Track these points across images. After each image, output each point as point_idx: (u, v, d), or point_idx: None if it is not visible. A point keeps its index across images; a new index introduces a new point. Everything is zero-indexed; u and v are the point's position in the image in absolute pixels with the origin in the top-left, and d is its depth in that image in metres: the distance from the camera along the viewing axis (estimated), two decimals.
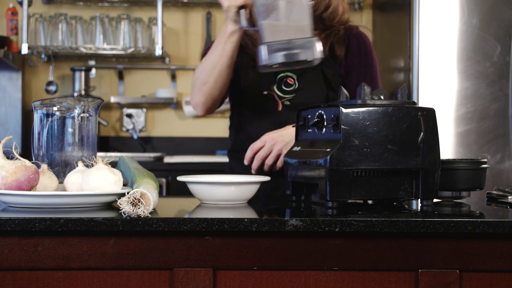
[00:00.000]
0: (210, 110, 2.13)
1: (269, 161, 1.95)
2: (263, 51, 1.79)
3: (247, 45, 2.13)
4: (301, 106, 1.73)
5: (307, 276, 1.38)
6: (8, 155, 1.50)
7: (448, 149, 2.97)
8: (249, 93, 2.10)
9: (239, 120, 2.19)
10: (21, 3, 3.93)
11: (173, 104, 4.24)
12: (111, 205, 1.51)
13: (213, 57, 2.02)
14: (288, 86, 2.08)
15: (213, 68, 2.03)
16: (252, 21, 1.91)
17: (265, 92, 2.08)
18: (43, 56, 4.11)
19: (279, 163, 1.95)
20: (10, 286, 1.36)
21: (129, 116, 4.21)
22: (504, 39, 3.00)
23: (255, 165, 1.97)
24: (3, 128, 4.05)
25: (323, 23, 2.12)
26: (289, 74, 2.09)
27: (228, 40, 1.97)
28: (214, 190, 1.57)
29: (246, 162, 1.99)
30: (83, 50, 4.02)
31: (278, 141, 1.95)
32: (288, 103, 2.07)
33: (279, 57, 1.80)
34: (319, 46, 1.82)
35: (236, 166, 2.15)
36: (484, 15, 3.00)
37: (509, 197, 1.69)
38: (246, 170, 2.01)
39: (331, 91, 2.09)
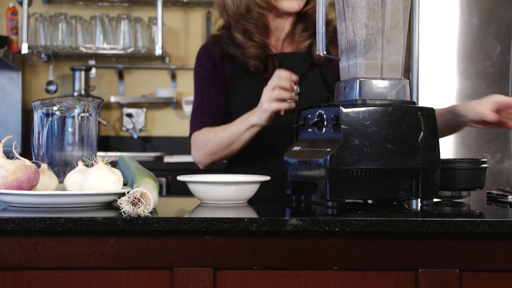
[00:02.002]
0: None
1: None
2: None
3: (236, 55, 2.08)
4: (296, 110, 1.73)
5: (307, 276, 1.38)
6: (8, 155, 1.50)
7: (448, 148, 2.97)
8: (248, 100, 2.05)
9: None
10: (21, 3, 3.93)
11: (173, 103, 4.25)
12: (111, 205, 1.51)
13: (229, 136, 2.01)
14: None
15: (226, 146, 2.02)
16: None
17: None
18: (43, 55, 4.11)
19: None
20: (10, 286, 1.36)
21: (129, 115, 4.21)
22: (504, 38, 3.00)
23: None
24: (3, 127, 4.05)
25: (314, 25, 2.12)
26: None
27: (248, 130, 1.95)
28: (214, 189, 1.57)
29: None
30: (83, 50, 4.02)
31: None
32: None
33: None
34: None
35: (234, 166, 2.14)
36: (484, 15, 3.00)
37: (509, 197, 1.69)
38: (245, 169, 2.00)
39: (331, 94, 2.09)
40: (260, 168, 2.01)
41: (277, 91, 1.81)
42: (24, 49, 3.93)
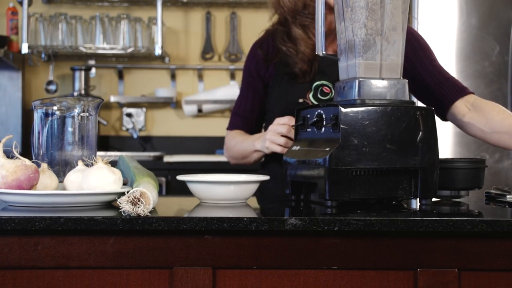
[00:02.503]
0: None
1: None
2: None
3: (290, 54, 2.07)
4: (296, 109, 1.73)
5: (306, 275, 1.38)
6: (8, 154, 1.50)
7: (447, 148, 2.97)
8: (284, 100, 2.07)
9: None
10: (21, 3, 3.93)
11: (173, 103, 4.24)
12: (111, 204, 1.51)
13: (243, 151, 2.15)
14: (324, 95, 2.05)
15: (242, 158, 2.17)
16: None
17: (301, 100, 2.05)
18: (43, 55, 4.11)
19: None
20: (10, 285, 1.36)
21: (129, 115, 4.21)
22: (502, 39, 3.00)
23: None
24: (3, 127, 4.05)
25: None
26: (325, 82, 2.06)
27: (256, 152, 2.09)
28: (214, 189, 1.57)
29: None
30: (83, 50, 4.02)
31: None
32: None
33: None
34: None
35: (269, 163, 2.17)
36: (482, 15, 3.00)
37: (508, 196, 1.69)
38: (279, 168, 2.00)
39: None
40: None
41: (280, 138, 1.91)
42: (24, 49, 3.92)
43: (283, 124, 1.91)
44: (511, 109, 2.98)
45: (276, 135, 1.91)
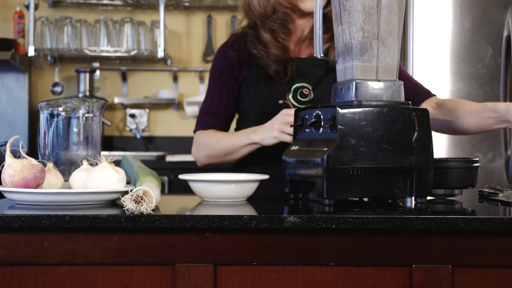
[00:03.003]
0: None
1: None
2: None
3: (261, 56, 2.08)
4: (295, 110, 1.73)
5: (304, 272, 1.38)
6: (16, 154, 1.50)
7: (441, 148, 2.97)
8: (262, 101, 2.06)
9: (248, 126, 2.10)
10: (27, 7, 3.93)
11: (175, 104, 4.25)
12: (114, 203, 1.51)
13: (230, 147, 2.05)
14: (303, 97, 2.05)
15: (225, 154, 2.08)
16: None
17: (280, 101, 2.05)
18: (49, 58, 4.12)
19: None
20: (17, 281, 1.36)
21: (132, 116, 4.21)
22: (495, 41, 3.00)
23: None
24: (11, 128, 4.05)
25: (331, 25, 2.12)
26: (304, 84, 2.06)
27: (249, 146, 2.01)
28: (215, 188, 1.57)
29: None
30: (88, 53, 4.02)
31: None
32: None
33: None
34: None
35: (245, 165, 2.14)
36: (476, 18, 3.00)
37: (500, 195, 1.70)
38: (255, 169, 1.99)
39: None
40: (267, 167, 2.01)
41: (289, 128, 1.86)
42: (31, 52, 3.93)
43: (290, 115, 1.86)
44: None
45: (286, 124, 1.88)
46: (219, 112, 2.15)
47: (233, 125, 2.25)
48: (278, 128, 1.89)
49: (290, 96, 2.06)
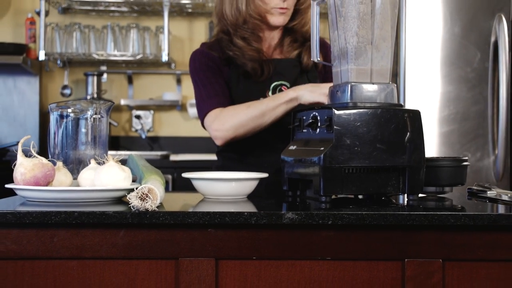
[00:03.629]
0: (241, 137, 2.03)
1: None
2: None
3: (237, 57, 2.09)
4: (292, 111, 1.73)
5: (302, 266, 1.38)
6: (27, 154, 1.49)
7: (432, 148, 2.97)
8: (244, 98, 2.04)
9: None
10: (38, 13, 3.93)
11: (179, 106, 4.24)
12: (121, 200, 1.51)
13: (264, 108, 1.95)
14: None
15: (258, 117, 1.96)
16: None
17: (261, 99, 2.05)
18: (58, 62, 4.11)
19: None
20: (29, 274, 1.36)
21: (138, 117, 4.21)
22: (483, 46, 3.00)
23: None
24: (22, 128, 4.05)
25: (301, 36, 2.13)
26: (283, 82, 2.08)
27: (286, 104, 1.92)
28: (216, 185, 1.57)
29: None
30: (96, 57, 4.02)
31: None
32: None
33: None
34: None
35: (228, 164, 2.14)
36: (465, 25, 3.00)
37: (488, 192, 1.69)
38: (237, 167, 1.99)
39: None
40: (252, 165, 2.01)
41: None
42: (42, 56, 3.92)
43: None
44: (491, 111, 2.99)
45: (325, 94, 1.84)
46: (225, 93, 2.08)
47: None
48: (322, 92, 1.85)
49: (270, 93, 2.07)
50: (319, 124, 1.55)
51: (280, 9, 2.07)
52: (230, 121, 1.99)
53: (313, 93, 1.87)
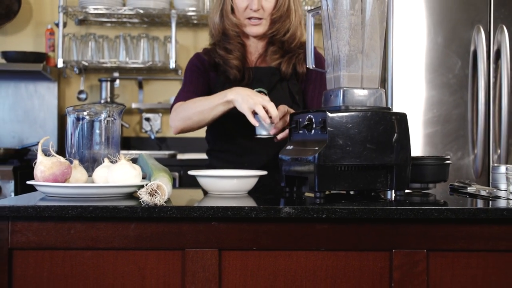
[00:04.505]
0: (183, 133, 2.08)
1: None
2: None
3: (219, 64, 2.10)
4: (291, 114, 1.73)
5: (298, 256, 1.38)
6: (46, 153, 1.49)
7: (417, 148, 2.97)
8: None
9: (218, 126, 2.10)
10: (57, 25, 3.93)
11: None
12: (132, 195, 1.51)
13: (203, 106, 1.94)
14: None
15: (199, 112, 1.95)
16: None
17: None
18: (75, 69, 4.11)
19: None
20: (48, 263, 1.36)
21: (147, 119, 4.20)
22: (464, 55, 3.00)
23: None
24: (42, 130, 4.04)
25: (284, 46, 2.10)
26: (262, 89, 2.07)
27: (223, 105, 1.89)
28: (219, 182, 1.57)
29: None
30: (109, 64, 4.02)
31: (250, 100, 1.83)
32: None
33: None
34: None
35: (217, 163, 2.13)
36: (447, 35, 3.00)
37: (468, 188, 1.69)
38: (224, 167, 2.00)
39: (295, 104, 2.09)
40: (234, 163, 2.02)
41: (266, 105, 1.78)
42: (60, 64, 3.92)
43: (271, 103, 1.79)
44: (471, 114, 2.98)
45: (259, 104, 1.78)
46: (197, 91, 2.09)
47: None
48: (257, 101, 1.78)
49: None
50: (314, 126, 1.55)
51: (252, 20, 2.06)
52: (180, 113, 2.01)
53: (244, 103, 1.80)
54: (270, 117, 1.79)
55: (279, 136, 1.87)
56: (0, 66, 3.83)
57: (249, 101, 1.79)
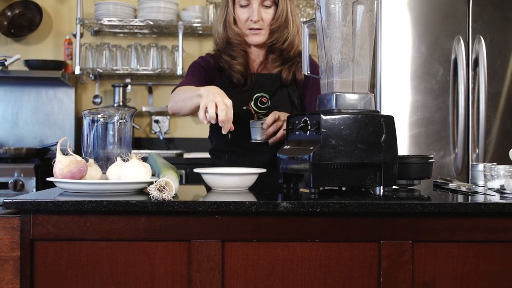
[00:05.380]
0: (178, 115, 2.03)
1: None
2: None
3: (225, 68, 2.09)
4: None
5: (294, 246, 1.37)
6: (64, 152, 1.49)
7: (403, 147, 2.96)
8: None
9: (220, 128, 2.08)
10: (75, 35, 3.92)
11: None
12: (142, 191, 1.50)
13: (186, 95, 1.88)
14: (262, 104, 2.05)
15: (182, 100, 1.91)
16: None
17: (244, 107, 2.04)
18: (91, 75, 4.10)
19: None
20: (66, 252, 1.36)
21: (157, 121, 4.19)
22: (445, 63, 3.00)
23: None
24: (61, 131, 4.04)
25: (283, 54, 2.09)
26: (263, 94, 2.06)
27: (197, 97, 1.80)
28: (222, 179, 1.56)
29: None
30: (121, 71, 4.01)
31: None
32: (262, 116, 2.05)
33: None
34: None
35: (219, 162, 2.13)
36: (430, 45, 2.99)
37: (450, 184, 1.69)
38: (224, 165, 1.99)
39: (294, 108, 2.09)
40: (235, 163, 2.01)
41: (213, 109, 1.69)
42: (77, 71, 3.91)
43: (225, 107, 1.68)
44: (452, 117, 2.98)
45: (214, 103, 1.68)
46: (199, 82, 2.05)
47: (207, 128, 2.18)
48: (216, 100, 1.67)
49: (252, 103, 2.06)
50: (309, 127, 1.54)
51: (253, 30, 2.06)
52: (173, 97, 1.98)
53: (204, 99, 1.70)
54: (262, 123, 1.82)
55: (271, 141, 1.89)
56: (23, 73, 3.83)
57: (208, 97, 1.70)
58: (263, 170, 1.61)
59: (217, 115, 1.67)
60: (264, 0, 2.04)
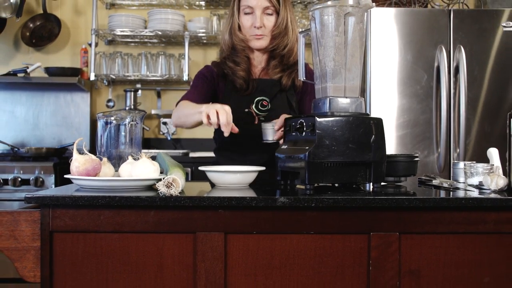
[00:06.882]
0: (181, 128, 2.01)
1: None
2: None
3: (228, 74, 2.08)
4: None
5: (291, 238, 1.37)
6: (80, 151, 1.49)
7: (391, 147, 2.96)
8: (233, 109, 1.93)
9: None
10: (90, 45, 3.92)
11: None
12: (151, 187, 1.50)
13: (188, 111, 1.89)
14: (263, 107, 2.05)
15: (185, 115, 1.91)
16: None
17: (246, 110, 2.04)
18: (105, 81, 4.10)
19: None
20: (82, 244, 1.35)
21: (165, 123, 4.19)
22: (429, 70, 3.00)
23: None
24: (77, 132, 4.04)
25: (283, 60, 2.08)
26: (264, 98, 2.06)
27: (199, 114, 1.78)
28: (225, 176, 1.56)
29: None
30: (132, 77, 4.00)
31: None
32: (262, 118, 2.04)
33: None
34: None
35: (223, 161, 2.12)
36: (415, 53, 2.99)
37: (433, 181, 1.68)
38: (227, 163, 1.99)
39: (292, 111, 2.08)
40: (238, 161, 2.01)
41: (215, 116, 1.69)
42: (92, 77, 3.91)
43: (225, 112, 1.69)
44: (435, 119, 2.98)
45: (215, 110, 1.68)
46: (201, 95, 2.05)
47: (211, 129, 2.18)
48: (216, 107, 1.68)
49: (253, 106, 2.06)
50: (305, 129, 1.54)
51: (256, 35, 2.05)
52: (176, 111, 1.98)
53: (205, 110, 1.70)
54: (273, 126, 1.82)
55: (281, 141, 1.88)
56: (43, 79, 3.83)
57: (208, 107, 1.72)
58: (263, 168, 1.61)
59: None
60: (267, 8, 2.04)
